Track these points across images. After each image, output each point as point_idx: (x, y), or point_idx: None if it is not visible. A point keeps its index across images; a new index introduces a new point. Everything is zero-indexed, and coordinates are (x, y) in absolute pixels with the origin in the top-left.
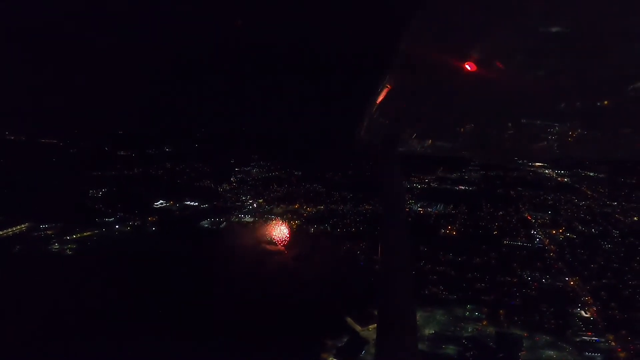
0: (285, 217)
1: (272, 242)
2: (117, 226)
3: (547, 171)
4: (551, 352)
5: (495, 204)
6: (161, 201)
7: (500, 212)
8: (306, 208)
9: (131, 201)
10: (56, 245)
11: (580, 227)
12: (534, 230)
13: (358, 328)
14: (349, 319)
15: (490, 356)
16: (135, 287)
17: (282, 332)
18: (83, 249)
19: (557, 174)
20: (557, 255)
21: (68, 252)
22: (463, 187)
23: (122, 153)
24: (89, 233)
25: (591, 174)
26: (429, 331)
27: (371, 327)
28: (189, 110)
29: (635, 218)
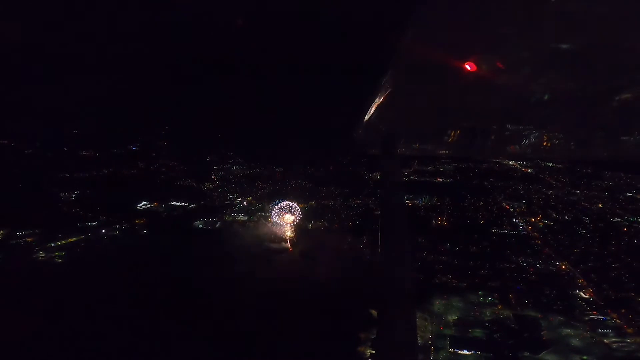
0: (279, 214)
1: (274, 239)
2: (103, 230)
3: (510, 162)
4: (568, 330)
5: (474, 194)
6: (144, 202)
7: (481, 202)
8: (298, 204)
9: (110, 203)
10: (42, 254)
11: (554, 214)
12: (515, 219)
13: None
14: (373, 312)
15: (515, 337)
16: (142, 293)
17: (314, 330)
18: (74, 256)
19: (520, 164)
20: (543, 242)
21: (57, 259)
22: (441, 180)
23: (84, 153)
24: (74, 239)
25: (550, 164)
26: (452, 317)
27: None
28: (152, 106)
29: (600, 205)
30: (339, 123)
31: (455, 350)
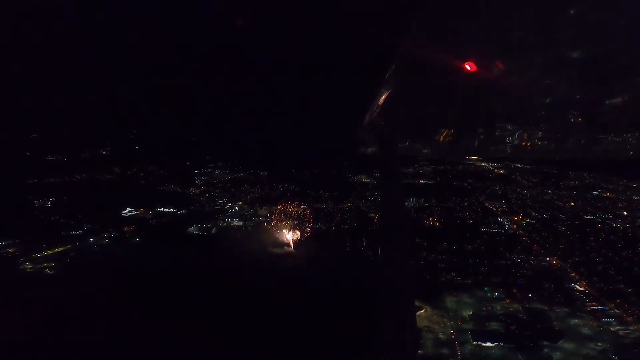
0: (274, 218)
1: (275, 244)
2: (91, 239)
3: (483, 164)
4: (576, 320)
5: (457, 195)
6: (129, 209)
7: (465, 203)
8: (291, 208)
9: (91, 210)
10: (29, 265)
11: (533, 213)
12: (500, 218)
13: None
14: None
15: (530, 329)
16: (146, 304)
17: (316, 331)
18: (65, 266)
19: (492, 166)
20: (529, 239)
21: (48, 271)
22: (423, 181)
23: (50, 158)
24: (61, 248)
25: (519, 165)
26: (466, 313)
27: (416, 314)
28: (118, 108)
29: (572, 203)
30: (321, 124)
31: (479, 343)
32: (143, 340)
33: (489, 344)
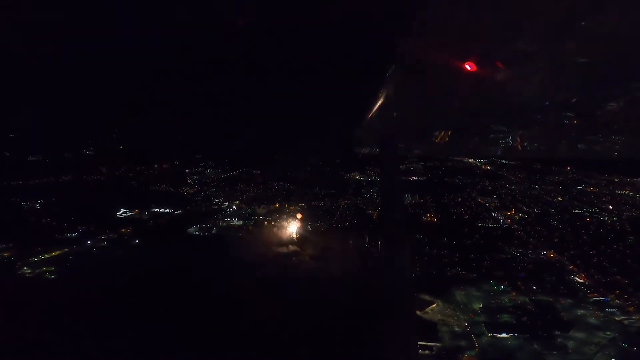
0: (273, 217)
1: (279, 243)
2: (88, 242)
3: (470, 160)
4: (582, 311)
5: (450, 191)
6: (123, 210)
7: (459, 199)
8: (288, 206)
9: (84, 212)
10: (27, 270)
11: (524, 208)
12: (493, 213)
13: (418, 312)
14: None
15: (541, 320)
16: (145, 305)
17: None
18: (65, 270)
19: (479, 162)
20: (525, 233)
21: (48, 275)
22: (416, 178)
23: (32, 158)
24: (58, 252)
25: (504, 162)
26: (477, 306)
27: (429, 308)
28: (99, 106)
29: (560, 198)
30: (321, 124)
31: (494, 334)
32: (143, 342)
33: (504, 334)
